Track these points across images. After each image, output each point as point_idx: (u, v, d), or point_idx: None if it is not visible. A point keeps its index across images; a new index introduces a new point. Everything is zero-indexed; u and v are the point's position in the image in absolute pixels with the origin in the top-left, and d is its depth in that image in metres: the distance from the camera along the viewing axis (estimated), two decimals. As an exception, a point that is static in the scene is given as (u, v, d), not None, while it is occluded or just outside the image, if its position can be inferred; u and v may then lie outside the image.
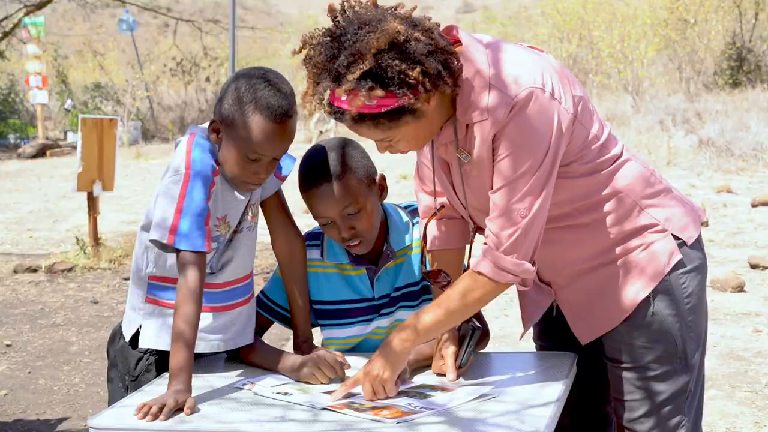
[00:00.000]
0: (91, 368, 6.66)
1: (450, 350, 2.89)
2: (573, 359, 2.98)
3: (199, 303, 2.77)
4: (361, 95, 2.48)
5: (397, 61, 2.47)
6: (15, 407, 5.89)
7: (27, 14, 17.37)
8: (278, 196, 3.14)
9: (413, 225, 3.22)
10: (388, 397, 2.69)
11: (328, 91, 2.54)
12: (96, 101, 26.08)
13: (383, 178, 3.14)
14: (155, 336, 3.00)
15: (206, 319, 2.98)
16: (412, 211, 3.24)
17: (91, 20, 27.66)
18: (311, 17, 31.56)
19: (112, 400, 3.08)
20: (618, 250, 2.80)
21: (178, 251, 2.81)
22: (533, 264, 2.67)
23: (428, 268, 3.05)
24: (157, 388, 2.79)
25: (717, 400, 5.53)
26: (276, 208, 3.14)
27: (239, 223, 3.03)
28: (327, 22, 2.59)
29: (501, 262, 2.64)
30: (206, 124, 2.94)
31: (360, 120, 2.56)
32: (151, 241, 2.87)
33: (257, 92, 2.79)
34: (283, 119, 2.80)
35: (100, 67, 28.88)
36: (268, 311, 3.23)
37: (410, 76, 2.48)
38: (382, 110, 2.52)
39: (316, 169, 3.00)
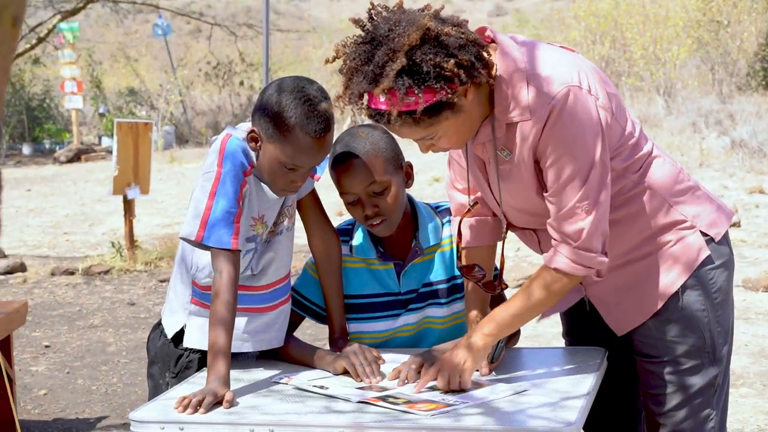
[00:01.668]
0: (128, 368, 6.75)
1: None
2: (603, 354, 3.01)
3: (236, 291, 2.83)
4: (400, 94, 2.50)
5: (430, 55, 2.49)
6: (54, 406, 5.98)
7: (61, 20, 17.54)
8: (313, 195, 3.20)
9: (443, 224, 3.27)
10: (462, 390, 2.72)
11: (366, 95, 2.56)
12: (130, 106, 26.21)
13: (410, 165, 3.21)
14: (201, 336, 3.04)
15: (251, 320, 3.05)
16: (443, 210, 3.29)
17: (125, 25, 27.78)
18: (343, 21, 31.58)
19: (152, 396, 3.13)
20: (648, 246, 2.83)
21: (209, 247, 2.87)
22: (606, 255, 2.71)
23: (463, 263, 3.10)
24: (201, 381, 2.84)
25: (749, 398, 5.54)
26: (312, 207, 3.20)
27: (277, 225, 3.09)
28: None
29: (577, 257, 2.68)
30: (242, 125, 2.99)
31: (400, 119, 2.56)
32: (181, 238, 2.94)
33: (297, 107, 2.81)
34: (322, 134, 2.84)
35: (134, 72, 28.99)
36: (299, 307, 3.28)
37: (445, 69, 2.49)
38: (421, 107, 2.53)
39: (345, 147, 3.10)
